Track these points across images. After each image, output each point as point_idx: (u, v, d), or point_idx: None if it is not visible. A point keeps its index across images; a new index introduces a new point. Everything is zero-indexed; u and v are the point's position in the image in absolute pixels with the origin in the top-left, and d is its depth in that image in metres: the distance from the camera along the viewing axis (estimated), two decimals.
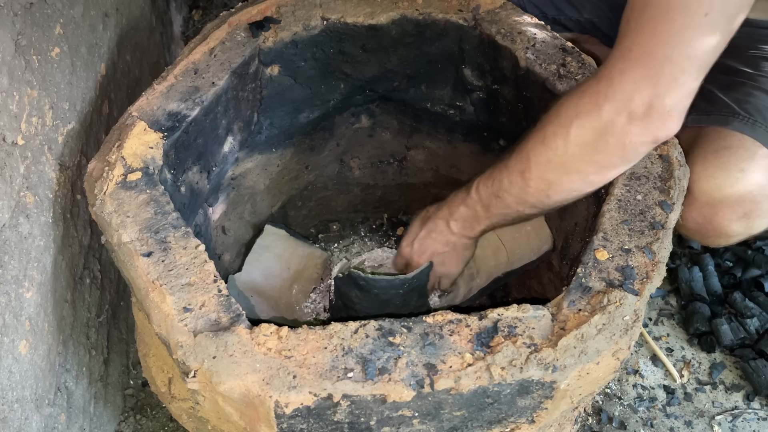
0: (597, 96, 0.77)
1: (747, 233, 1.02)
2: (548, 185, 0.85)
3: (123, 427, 1.22)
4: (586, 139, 0.79)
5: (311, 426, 0.73)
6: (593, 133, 0.79)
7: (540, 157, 0.84)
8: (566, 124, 0.80)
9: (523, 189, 0.87)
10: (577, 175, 0.83)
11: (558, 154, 0.82)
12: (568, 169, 0.83)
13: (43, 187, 0.91)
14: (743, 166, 0.97)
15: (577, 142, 0.80)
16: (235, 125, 1.09)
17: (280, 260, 1.28)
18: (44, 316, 0.92)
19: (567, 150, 0.81)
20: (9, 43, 0.79)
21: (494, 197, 0.92)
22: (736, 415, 1.27)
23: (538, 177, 0.85)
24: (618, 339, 0.76)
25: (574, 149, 0.80)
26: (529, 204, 0.89)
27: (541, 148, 0.83)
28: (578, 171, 0.83)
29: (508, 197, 0.90)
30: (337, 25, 1.09)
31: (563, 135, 0.80)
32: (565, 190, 0.85)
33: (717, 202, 0.97)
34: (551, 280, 1.13)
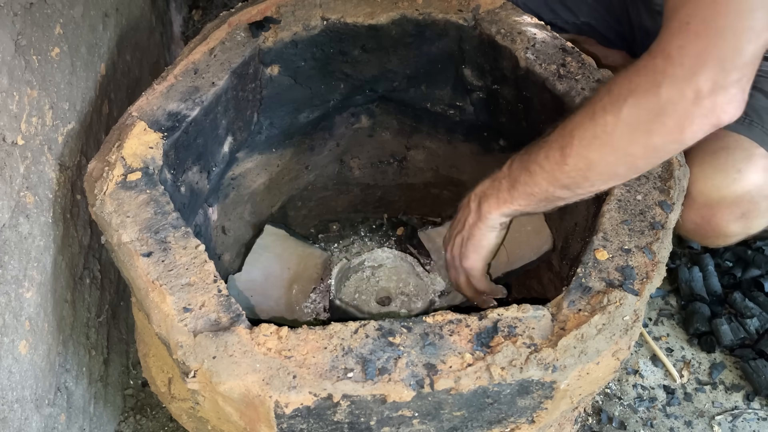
0: (654, 73, 0.71)
1: (745, 233, 1.02)
2: (588, 165, 0.79)
3: (123, 427, 1.22)
4: (641, 118, 0.73)
5: (311, 426, 0.73)
6: (649, 113, 0.72)
7: (585, 133, 0.77)
8: (619, 100, 0.74)
9: (560, 165, 0.80)
10: (623, 158, 0.77)
11: (606, 132, 0.75)
12: (615, 149, 0.76)
13: (43, 187, 0.91)
14: (740, 166, 0.97)
15: (629, 120, 0.74)
16: (235, 125, 1.09)
17: (280, 260, 1.28)
18: (44, 316, 0.92)
19: (617, 128, 0.75)
20: (9, 43, 0.79)
21: (525, 171, 0.85)
22: (736, 415, 1.27)
23: (579, 154, 0.78)
24: (618, 339, 0.76)
25: (624, 128, 0.74)
26: (561, 184, 0.82)
27: (588, 123, 0.77)
28: (626, 153, 0.77)
29: (540, 174, 0.83)
30: (337, 25, 1.09)
31: (614, 112, 0.74)
32: (605, 172, 0.79)
33: (715, 203, 0.97)
34: (551, 280, 1.13)
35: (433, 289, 1.23)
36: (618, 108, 0.74)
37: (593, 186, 0.82)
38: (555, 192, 0.84)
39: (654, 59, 0.72)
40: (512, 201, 0.88)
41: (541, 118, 1.07)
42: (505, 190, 0.88)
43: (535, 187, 0.85)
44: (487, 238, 0.95)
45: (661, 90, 0.71)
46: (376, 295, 1.21)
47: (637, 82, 0.73)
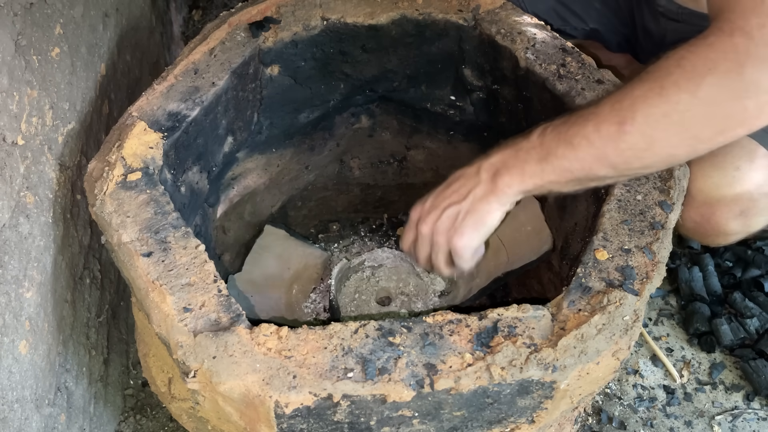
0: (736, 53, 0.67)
1: (745, 231, 1.02)
2: (649, 144, 0.73)
3: (123, 427, 1.22)
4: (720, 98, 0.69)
5: (311, 426, 0.73)
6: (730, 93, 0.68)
7: (653, 109, 0.71)
8: (696, 78, 0.69)
9: (614, 141, 0.73)
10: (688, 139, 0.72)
11: (678, 110, 0.70)
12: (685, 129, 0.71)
13: (43, 187, 0.91)
14: (739, 164, 0.97)
15: (708, 100, 0.69)
16: (235, 125, 1.09)
17: (280, 260, 1.28)
18: (44, 316, 0.92)
19: (691, 107, 0.69)
20: (9, 43, 0.79)
21: (564, 144, 0.76)
22: (736, 415, 1.27)
23: (641, 131, 0.72)
24: (618, 339, 0.76)
25: (701, 109, 0.69)
26: (609, 162, 0.75)
27: (656, 99, 0.71)
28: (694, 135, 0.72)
29: (587, 148, 0.75)
30: (337, 25, 1.09)
31: (691, 90, 0.69)
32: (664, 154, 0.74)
33: (714, 201, 0.97)
34: (551, 280, 1.13)
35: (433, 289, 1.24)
36: (695, 85, 0.69)
37: (644, 168, 0.77)
38: (598, 171, 0.76)
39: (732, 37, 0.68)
40: (542, 175, 0.79)
41: (541, 118, 1.06)
42: (533, 162, 0.79)
43: (576, 162, 0.76)
44: (493, 216, 0.83)
45: (745, 70, 0.67)
46: (376, 295, 1.21)
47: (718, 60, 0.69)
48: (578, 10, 1.27)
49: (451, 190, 0.85)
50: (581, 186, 0.80)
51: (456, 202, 0.84)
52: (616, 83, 1.01)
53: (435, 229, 0.85)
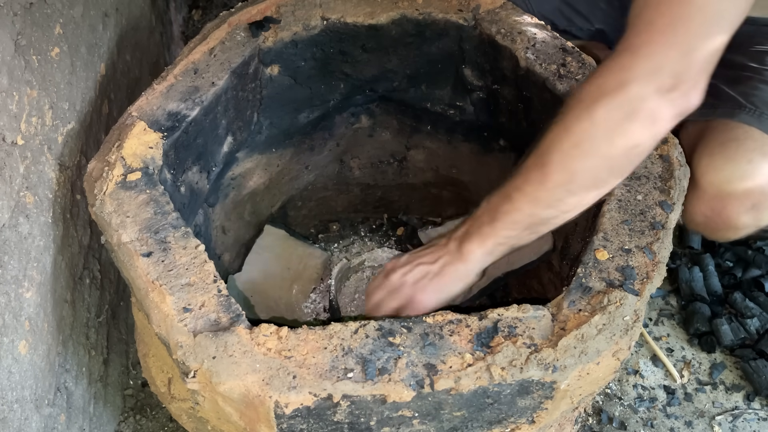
0: (621, 71, 0.73)
1: (756, 225, 1.01)
2: (571, 176, 0.77)
3: (123, 427, 1.22)
4: (615, 118, 0.73)
5: (311, 426, 0.73)
6: (621, 111, 0.73)
7: (563, 145, 0.76)
8: (590, 105, 0.74)
9: (542, 184, 0.78)
10: (603, 162, 0.76)
11: (584, 139, 0.75)
12: (595, 154, 0.76)
13: (43, 187, 0.91)
14: (751, 157, 0.97)
15: (603, 123, 0.73)
16: (235, 125, 1.09)
17: (280, 260, 1.28)
18: (44, 316, 0.92)
19: (593, 133, 0.74)
20: (9, 43, 0.79)
21: (505, 200, 0.83)
22: (737, 416, 1.27)
23: (559, 169, 0.77)
24: (618, 339, 0.75)
25: (600, 132, 0.74)
26: (545, 204, 0.80)
27: (564, 135, 0.76)
28: (606, 156, 0.76)
29: (521, 198, 0.81)
30: (337, 25, 1.09)
31: (588, 117, 0.74)
32: (588, 180, 0.78)
33: (725, 194, 0.97)
34: (551, 280, 1.13)
35: None
36: (591, 112, 0.74)
37: (578, 200, 0.80)
38: (540, 213, 0.81)
39: (620, 57, 0.73)
40: (495, 234, 0.85)
41: (541, 118, 1.07)
42: (486, 224, 0.85)
43: (517, 214, 0.82)
44: (456, 284, 0.90)
45: (629, 86, 0.72)
46: None
47: (606, 83, 0.74)
48: (584, 10, 1.27)
49: (424, 253, 0.92)
50: (536, 232, 0.85)
51: (427, 263, 0.90)
52: None
53: (403, 281, 0.90)
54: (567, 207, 0.81)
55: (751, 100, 1.02)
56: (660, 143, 0.93)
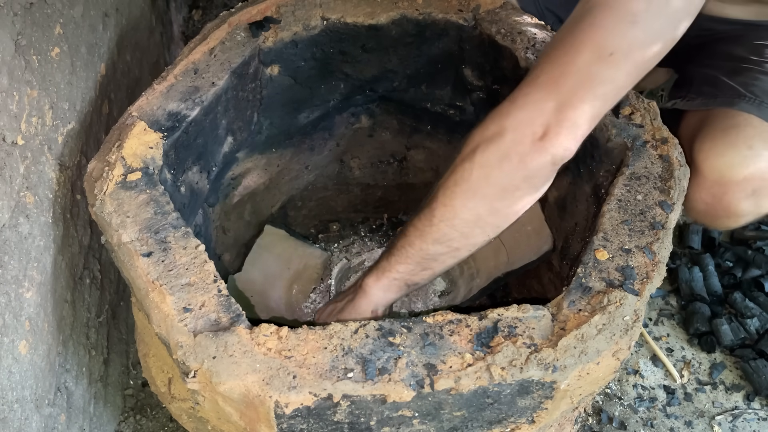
0: (501, 118, 0.79)
1: (756, 212, 1.01)
2: (453, 213, 0.83)
3: (123, 427, 1.22)
4: (491, 160, 0.79)
5: (311, 426, 0.73)
6: (497, 154, 0.79)
7: (447, 182, 0.83)
8: (473, 148, 0.80)
9: (429, 219, 0.84)
10: (482, 200, 0.81)
11: (464, 178, 0.81)
12: (474, 193, 0.81)
13: (43, 187, 0.91)
14: (751, 143, 0.97)
15: (482, 164, 0.80)
16: (235, 125, 1.09)
17: (280, 260, 1.28)
18: (44, 316, 0.92)
19: (473, 173, 0.80)
20: (9, 43, 0.79)
21: (401, 236, 0.88)
22: (737, 416, 1.27)
23: (443, 204, 0.83)
24: (618, 339, 0.76)
25: (479, 172, 0.80)
26: (432, 239, 0.85)
27: (449, 176, 0.83)
28: (483, 195, 0.81)
29: (414, 233, 0.86)
30: (337, 25, 1.09)
31: (469, 158, 0.80)
32: (469, 219, 0.83)
33: (726, 179, 0.97)
34: (551, 280, 1.13)
35: (433, 289, 1.24)
36: (472, 155, 0.80)
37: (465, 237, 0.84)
38: (429, 249, 0.85)
39: (503, 105, 0.79)
40: (390, 268, 0.89)
41: None
42: (384, 260, 0.90)
43: (410, 248, 0.87)
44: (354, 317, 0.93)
45: (505, 132, 0.77)
46: None
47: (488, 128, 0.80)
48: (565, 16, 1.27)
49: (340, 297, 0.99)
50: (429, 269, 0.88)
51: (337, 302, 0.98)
52: None
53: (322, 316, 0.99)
54: (455, 244, 0.85)
55: (751, 89, 1.03)
56: (660, 143, 0.93)
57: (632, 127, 0.95)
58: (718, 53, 1.14)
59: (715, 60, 1.13)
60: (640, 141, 0.93)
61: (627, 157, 0.92)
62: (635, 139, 0.93)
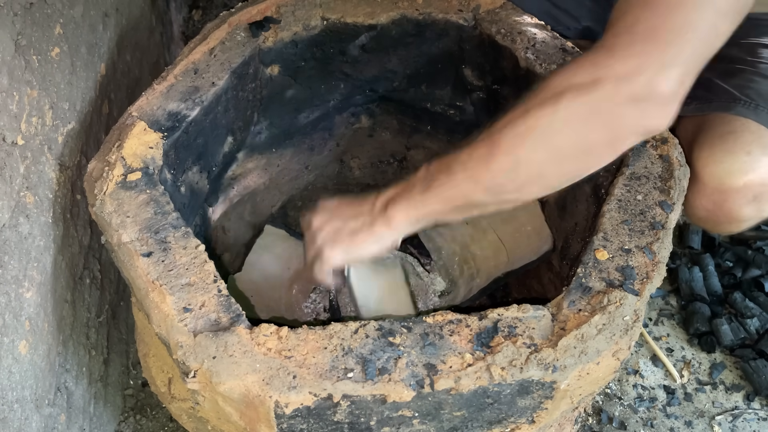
0: (595, 68, 0.69)
1: (758, 217, 1.01)
2: (515, 164, 0.73)
3: (123, 427, 1.22)
4: (576, 114, 0.69)
5: (311, 426, 0.73)
6: (585, 109, 0.69)
7: (516, 128, 0.72)
8: (556, 95, 0.70)
9: (485, 163, 0.74)
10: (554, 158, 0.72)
11: (538, 127, 0.71)
12: (546, 146, 0.71)
13: (43, 187, 0.91)
14: (750, 149, 0.97)
15: (564, 116, 0.70)
16: (235, 125, 1.09)
17: (280, 260, 1.28)
18: (44, 316, 0.92)
19: (551, 124, 0.70)
20: (9, 43, 0.79)
21: (444, 171, 0.78)
22: (737, 416, 1.27)
23: (506, 151, 0.72)
24: (618, 339, 0.76)
25: (558, 124, 0.70)
26: (483, 186, 0.75)
27: (519, 119, 0.72)
28: (555, 149, 0.72)
29: (462, 173, 0.76)
30: (337, 25, 1.09)
31: (550, 107, 0.70)
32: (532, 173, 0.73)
33: (726, 186, 0.96)
34: (551, 280, 1.13)
35: (433, 289, 1.24)
36: (554, 102, 0.70)
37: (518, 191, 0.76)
38: (475, 195, 0.76)
39: (597, 54, 0.70)
40: (424, 204, 0.80)
41: None
42: (417, 192, 0.80)
43: (453, 189, 0.77)
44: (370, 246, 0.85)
45: (599, 86, 0.68)
46: None
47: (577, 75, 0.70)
48: (570, 8, 1.27)
49: (352, 208, 0.87)
50: (465, 213, 0.80)
51: (347, 218, 0.86)
52: None
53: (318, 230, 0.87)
54: (506, 197, 0.77)
55: (746, 92, 1.02)
56: (660, 143, 0.93)
57: None
58: None
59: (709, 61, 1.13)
60: None
61: (627, 157, 0.92)
62: None
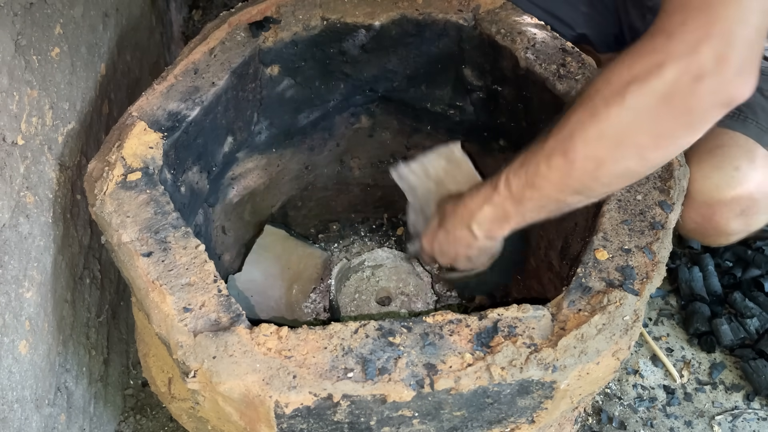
0: (654, 54, 0.67)
1: (746, 230, 1.02)
2: (598, 164, 0.74)
3: (123, 427, 1.22)
4: (647, 104, 0.68)
5: (311, 426, 0.73)
6: (654, 97, 0.67)
7: (589, 132, 0.72)
8: (620, 90, 0.69)
9: (567, 172, 0.75)
10: (633, 150, 0.72)
11: (612, 125, 0.70)
12: (624, 141, 0.71)
13: (43, 187, 0.91)
14: (738, 164, 0.97)
15: (635, 108, 0.69)
16: (235, 125, 1.09)
17: (280, 260, 1.28)
18: (44, 316, 0.92)
19: (622, 119, 0.69)
20: (9, 43, 0.79)
21: (529, 188, 0.81)
22: (736, 415, 1.27)
23: (585, 156, 0.73)
24: (618, 339, 0.76)
25: (631, 117, 0.69)
26: (572, 189, 0.77)
27: (589, 121, 0.72)
28: (635, 144, 0.71)
29: (547, 186, 0.78)
30: (337, 25, 1.09)
31: (617, 103, 0.69)
32: (618, 169, 0.74)
33: (715, 201, 0.97)
34: (551, 280, 1.13)
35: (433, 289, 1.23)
36: (621, 97, 0.69)
37: (608, 186, 0.78)
38: (566, 199, 0.80)
39: (653, 39, 0.68)
40: (522, 216, 0.85)
41: (541, 118, 1.07)
42: (512, 211, 0.85)
43: (543, 200, 0.81)
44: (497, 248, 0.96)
45: (664, 70, 0.66)
46: (376, 295, 1.21)
47: (638, 66, 0.69)
48: (565, 17, 1.27)
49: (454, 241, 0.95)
50: (561, 212, 0.84)
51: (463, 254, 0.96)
52: None
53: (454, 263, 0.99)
54: (597, 191, 0.79)
55: None
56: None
57: None
58: None
59: None
60: None
61: None
62: None
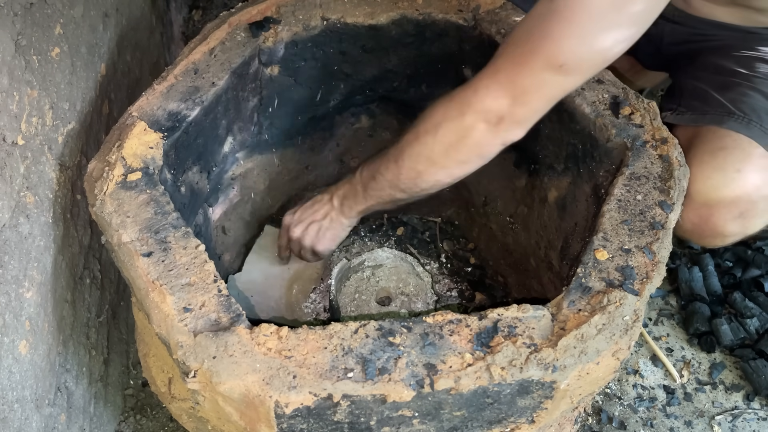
0: (462, 104, 0.90)
1: (743, 233, 1.02)
2: (417, 174, 0.97)
3: (123, 427, 1.22)
4: (451, 139, 0.92)
5: (311, 426, 0.73)
6: (456, 135, 0.91)
7: (412, 150, 0.96)
8: (435, 124, 0.93)
9: (396, 175, 0.99)
10: (441, 169, 0.96)
11: (427, 149, 0.94)
12: (435, 162, 0.95)
13: (43, 187, 0.91)
14: (739, 166, 0.97)
15: (443, 141, 0.92)
16: (235, 125, 1.09)
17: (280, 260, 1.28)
18: (44, 316, 0.92)
19: (434, 147, 0.94)
20: (9, 43, 0.79)
21: (372, 179, 1.03)
22: (736, 415, 1.27)
23: (409, 167, 0.97)
24: (618, 339, 0.76)
25: (440, 147, 0.93)
26: (399, 189, 1.01)
27: (414, 142, 0.96)
28: (443, 165, 0.95)
29: (383, 180, 1.01)
30: (337, 25, 1.09)
31: (432, 133, 0.93)
32: (431, 180, 0.98)
33: (714, 202, 0.98)
34: (551, 280, 1.13)
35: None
36: (435, 131, 0.93)
37: (424, 190, 1.00)
38: (395, 194, 1.02)
39: (466, 92, 0.90)
40: (365, 201, 1.07)
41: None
42: (360, 193, 1.07)
43: (380, 191, 1.04)
44: (345, 231, 1.15)
45: (465, 117, 0.90)
46: (376, 295, 1.21)
47: (451, 109, 0.92)
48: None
49: (313, 210, 1.15)
50: (395, 205, 1.05)
51: (318, 220, 1.14)
52: (616, 83, 1.01)
53: (302, 236, 1.16)
54: (416, 192, 1.01)
55: (740, 106, 1.03)
56: (660, 143, 0.93)
57: (632, 127, 0.95)
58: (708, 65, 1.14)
59: (705, 72, 1.13)
60: (640, 141, 0.93)
61: (627, 157, 0.92)
62: (635, 139, 0.93)
